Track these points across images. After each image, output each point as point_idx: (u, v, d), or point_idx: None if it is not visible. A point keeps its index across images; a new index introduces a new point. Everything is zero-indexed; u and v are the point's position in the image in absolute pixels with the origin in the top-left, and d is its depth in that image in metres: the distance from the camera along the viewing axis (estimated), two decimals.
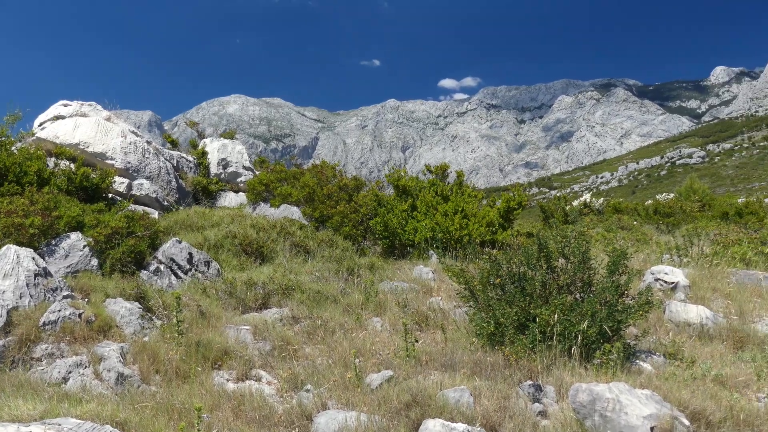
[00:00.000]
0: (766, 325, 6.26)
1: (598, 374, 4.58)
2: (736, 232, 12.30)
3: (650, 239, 13.12)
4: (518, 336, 4.99)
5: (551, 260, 5.35)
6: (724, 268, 8.48)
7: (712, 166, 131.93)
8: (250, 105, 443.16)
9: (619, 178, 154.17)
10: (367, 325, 6.58)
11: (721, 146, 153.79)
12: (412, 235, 10.50)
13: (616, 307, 4.94)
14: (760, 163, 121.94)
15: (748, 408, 4.00)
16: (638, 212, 18.29)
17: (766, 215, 17.53)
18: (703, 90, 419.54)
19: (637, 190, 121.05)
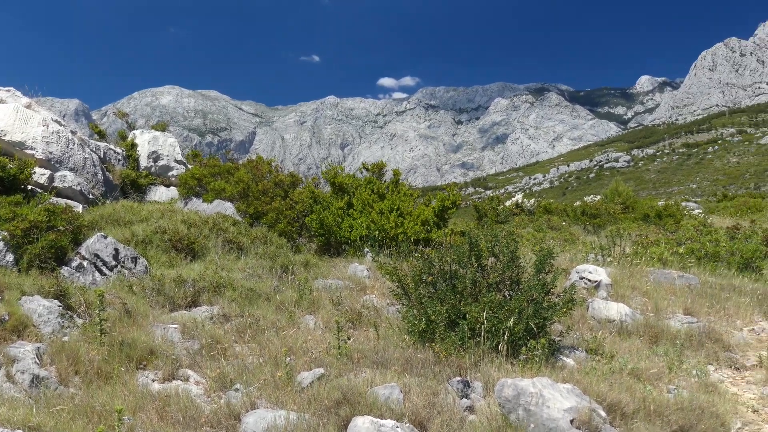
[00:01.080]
0: (678, 321, 6.65)
1: (524, 370, 4.73)
2: (656, 233, 13.00)
3: (577, 239, 13.67)
4: (449, 333, 5.08)
5: (482, 259, 5.48)
6: (643, 267, 8.94)
7: (636, 170, 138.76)
8: (185, 97, 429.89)
9: (551, 180, 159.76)
10: (300, 323, 6.53)
11: (645, 151, 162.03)
12: (347, 232, 10.50)
13: (542, 305, 5.12)
14: (679, 169, 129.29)
15: (659, 399, 4.24)
16: (567, 213, 19.01)
17: (682, 218, 18.61)
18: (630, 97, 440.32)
19: (567, 192, 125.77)
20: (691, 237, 10.38)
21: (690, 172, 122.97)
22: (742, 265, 8.95)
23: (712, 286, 8.14)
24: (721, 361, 5.91)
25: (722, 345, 6.23)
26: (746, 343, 6.46)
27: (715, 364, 5.86)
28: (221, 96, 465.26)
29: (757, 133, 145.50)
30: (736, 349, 6.25)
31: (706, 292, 7.86)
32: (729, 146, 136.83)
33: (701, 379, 5.07)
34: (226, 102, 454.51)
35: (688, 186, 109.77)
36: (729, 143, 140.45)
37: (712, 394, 4.65)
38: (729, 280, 8.51)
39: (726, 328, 6.81)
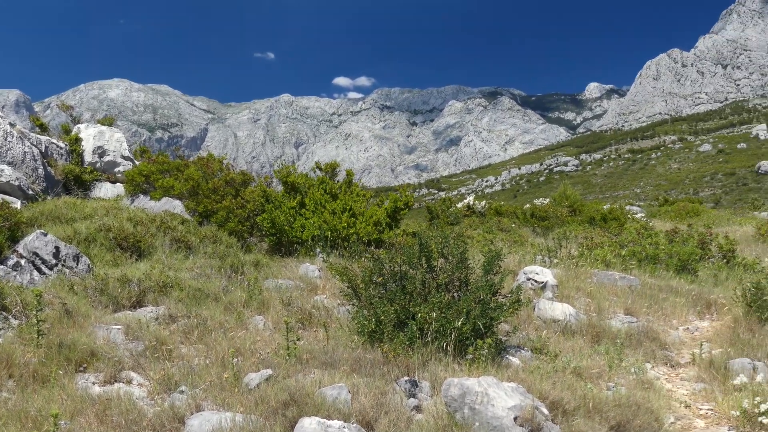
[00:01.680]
0: (619, 321, 6.89)
1: (470, 369, 4.81)
2: (601, 236, 13.43)
3: (526, 241, 13.98)
4: (398, 333, 5.12)
5: (431, 260, 5.55)
6: (587, 268, 9.23)
7: (584, 174, 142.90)
8: (134, 91, 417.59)
9: (503, 183, 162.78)
10: (249, 323, 6.45)
11: (593, 156, 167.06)
12: (299, 232, 10.43)
13: (489, 305, 5.22)
14: (625, 173, 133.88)
15: (598, 396, 4.39)
16: (517, 215, 19.42)
17: (626, 221, 19.28)
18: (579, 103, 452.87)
19: (518, 194, 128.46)
20: (633, 240, 10.77)
21: (635, 177, 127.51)
22: (680, 267, 9.35)
23: (652, 287, 8.47)
24: (658, 359, 6.16)
25: (659, 343, 6.50)
26: (681, 341, 6.76)
27: (653, 361, 6.10)
28: (172, 91, 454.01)
29: (696, 141, 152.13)
30: (672, 348, 6.53)
31: (645, 293, 8.17)
32: (671, 153, 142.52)
33: (639, 376, 5.28)
34: (177, 97, 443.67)
35: (633, 190, 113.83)
36: (671, 150, 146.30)
37: (648, 391, 4.85)
38: (667, 281, 8.87)
39: (663, 328, 7.10)
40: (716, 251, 10.36)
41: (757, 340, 5.95)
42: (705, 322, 7.67)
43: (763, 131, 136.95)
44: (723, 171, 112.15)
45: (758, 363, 5.39)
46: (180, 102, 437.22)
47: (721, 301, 7.90)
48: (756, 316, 6.49)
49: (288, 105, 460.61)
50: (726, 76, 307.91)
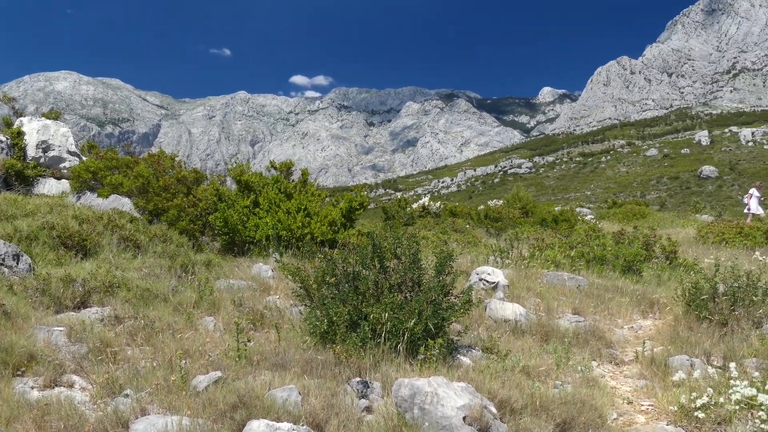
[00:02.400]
0: (567, 320, 7.07)
1: (422, 369, 4.85)
2: (551, 237, 13.75)
3: (479, 242, 14.19)
4: (350, 334, 5.11)
5: (384, 260, 5.56)
6: (538, 269, 9.43)
7: (537, 177, 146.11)
8: (83, 84, 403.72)
9: (458, 184, 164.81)
10: (198, 324, 6.32)
11: (546, 159, 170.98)
12: (253, 231, 10.29)
13: (441, 306, 5.27)
14: (576, 176, 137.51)
15: (545, 394, 4.49)
16: (471, 216, 19.68)
17: (576, 223, 19.79)
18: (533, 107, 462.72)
19: (473, 196, 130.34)
20: (581, 241, 11.07)
21: (585, 180, 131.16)
22: (625, 268, 9.66)
23: (599, 287, 8.72)
24: (604, 357, 6.34)
25: (605, 342, 6.69)
26: (626, 339, 6.97)
27: (598, 360, 6.28)
28: (124, 85, 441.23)
29: (644, 145, 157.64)
30: (617, 346, 6.74)
31: (593, 292, 8.40)
32: (620, 157, 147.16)
33: (584, 374, 5.42)
34: (129, 92, 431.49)
35: (584, 192, 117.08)
36: (620, 154, 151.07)
37: (592, 388, 4.98)
38: (613, 281, 9.15)
39: (609, 327, 7.32)
40: (660, 252, 10.76)
41: (695, 338, 6.20)
42: (648, 320, 7.93)
43: (705, 138, 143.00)
44: (668, 175, 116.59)
45: (695, 360, 5.61)
46: (132, 97, 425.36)
47: (663, 300, 8.20)
48: (695, 315, 6.76)
49: (244, 102, 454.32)
50: (671, 83, 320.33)
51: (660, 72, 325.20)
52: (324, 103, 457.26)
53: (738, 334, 6.23)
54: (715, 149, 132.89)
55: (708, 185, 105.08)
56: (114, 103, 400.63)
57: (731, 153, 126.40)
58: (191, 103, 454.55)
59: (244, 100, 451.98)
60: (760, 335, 5.99)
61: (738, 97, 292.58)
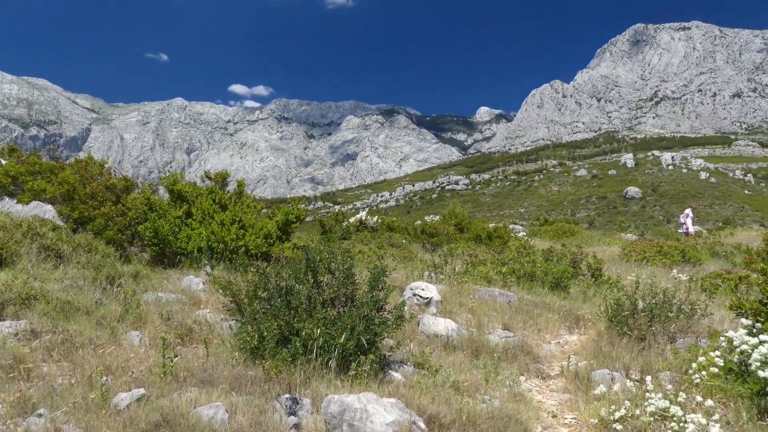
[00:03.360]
0: (497, 335, 7.23)
1: (353, 385, 4.83)
2: (485, 253, 14.07)
3: (415, 257, 14.33)
4: (281, 350, 5.04)
5: (318, 275, 5.53)
6: (471, 285, 9.62)
7: (474, 193, 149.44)
8: (6, 82, 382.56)
9: (397, 198, 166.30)
10: (123, 339, 6.06)
11: (482, 176, 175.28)
12: (184, 243, 10.00)
13: (373, 321, 5.28)
14: (511, 194, 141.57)
15: (474, 409, 4.57)
16: (408, 231, 19.87)
17: (509, 239, 20.34)
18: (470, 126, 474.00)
19: (412, 210, 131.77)
20: (513, 258, 11.39)
21: (519, 198, 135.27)
22: (554, 284, 9.99)
23: (528, 303, 8.98)
24: (531, 372, 6.52)
25: (533, 357, 6.88)
26: (552, 354, 7.20)
27: (526, 374, 6.45)
28: (52, 86, 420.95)
29: (574, 166, 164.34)
30: (544, 361, 6.94)
31: (522, 308, 8.64)
32: (552, 176, 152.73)
33: (512, 389, 5.55)
34: (57, 93, 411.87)
35: (518, 210, 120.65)
36: (552, 173, 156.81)
37: (519, 403, 5.11)
38: (542, 297, 9.45)
39: (537, 342, 7.54)
40: (586, 270, 11.21)
41: (616, 353, 6.48)
42: (574, 336, 8.22)
43: (630, 160, 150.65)
44: (596, 195, 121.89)
45: (616, 374, 5.86)
46: (60, 98, 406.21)
47: (588, 316, 8.52)
48: (616, 330, 7.06)
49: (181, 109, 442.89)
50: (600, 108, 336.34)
51: (590, 96, 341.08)
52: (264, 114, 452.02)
53: (655, 349, 6.55)
54: (639, 171, 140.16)
55: (633, 205, 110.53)
56: (40, 104, 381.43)
57: (654, 175, 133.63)
58: (125, 108, 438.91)
59: (181, 107, 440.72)
60: (674, 350, 6.32)
61: (660, 123, 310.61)
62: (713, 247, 17.97)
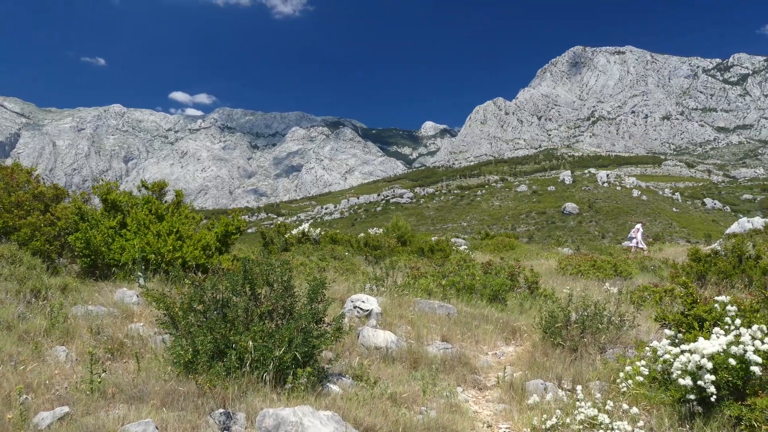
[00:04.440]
0: (436, 347, 7.31)
1: (289, 399, 4.77)
2: (427, 266, 14.23)
3: (358, 269, 14.33)
4: (216, 363, 4.93)
5: (256, 287, 5.46)
6: (411, 297, 9.70)
7: (418, 207, 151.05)
8: None
9: (342, 211, 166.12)
10: (47, 355, 5.78)
11: (426, 190, 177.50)
12: (118, 254, 9.66)
13: (311, 334, 5.24)
14: (454, 207, 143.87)
15: (410, 421, 4.60)
16: (351, 244, 19.86)
17: (451, 252, 20.64)
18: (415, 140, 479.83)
19: (356, 223, 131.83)
20: (453, 271, 11.57)
21: (462, 212, 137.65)
22: (492, 297, 10.21)
23: (467, 315, 9.13)
24: (468, 383, 6.62)
25: (470, 368, 6.99)
26: (489, 365, 7.33)
27: (463, 385, 6.54)
28: None
29: (515, 181, 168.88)
30: (481, 372, 7.06)
31: (461, 320, 8.77)
32: (494, 191, 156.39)
33: (449, 400, 5.62)
34: None
35: (461, 224, 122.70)
36: (494, 188, 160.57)
37: (455, 414, 5.18)
38: (481, 309, 9.62)
39: (474, 353, 7.66)
40: (523, 282, 11.50)
41: (549, 363, 6.66)
42: (511, 347, 8.41)
43: (568, 177, 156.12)
44: (536, 210, 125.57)
45: (549, 383, 6.03)
46: None
47: (524, 327, 8.74)
48: (550, 341, 7.27)
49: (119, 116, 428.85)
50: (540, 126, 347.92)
51: (531, 114, 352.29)
52: (207, 123, 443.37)
53: (586, 359, 6.78)
54: (576, 188, 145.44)
55: (570, 221, 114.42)
56: None
57: (590, 192, 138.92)
58: (58, 113, 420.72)
59: (119, 114, 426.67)
60: (604, 360, 6.57)
61: (596, 142, 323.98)
62: (643, 261, 18.80)
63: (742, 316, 5.25)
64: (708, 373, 4.71)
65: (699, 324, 5.66)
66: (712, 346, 4.81)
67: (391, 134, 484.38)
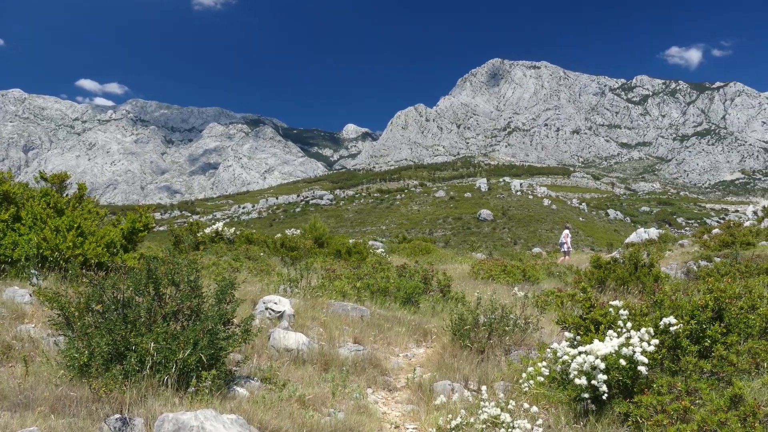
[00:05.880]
0: (348, 349, 7.31)
1: (192, 402, 4.61)
2: (343, 267, 14.22)
3: (273, 270, 14.09)
4: (114, 367, 4.68)
5: (160, 286, 5.24)
6: (325, 299, 9.65)
7: (338, 209, 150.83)
8: None
9: (260, 211, 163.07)
10: None
11: (346, 192, 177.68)
12: (10, 250, 8.97)
13: (218, 335, 5.09)
14: (374, 211, 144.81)
15: (317, 423, 4.57)
16: (267, 244, 19.53)
17: (368, 255, 20.76)
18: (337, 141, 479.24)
19: (274, 223, 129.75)
20: (368, 273, 11.63)
21: (382, 215, 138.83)
22: (405, 300, 10.35)
23: (380, 317, 9.20)
24: (379, 384, 6.66)
25: (381, 370, 7.04)
26: (400, 367, 7.42)
27: (374, 387, 6.58)
28: None
29: (434, 187, 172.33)
30: (392, 373, 7.14)
31: (374, 322, 8.83)
32: (413, 196, 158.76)
33: (358, 401, 5.63)
34: None
35: (380, 227, 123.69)
36: (413, 193, 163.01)
37: (363, 415, 5.20)
38: (394, 312, 9.73)
39: (386, 355, 7.73)
40: (436, 286, 11.74)
41: (457, 364, 6.83)
42: (422, 349, 8.55)
43: (484, 184, 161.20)
44: (453, 215, 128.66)
45: (456, 384, 6.18)
46: None
47: (435, 330, 8.91)
48: (459, 343, 7.46)
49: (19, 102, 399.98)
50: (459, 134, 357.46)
51: (450, 122, 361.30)
52: (118, 114, 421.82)
53: (492, 360, 7.01)
54: (491, 195, 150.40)
55: (485, 227, 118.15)
56: None
57: (504, 200, 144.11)
58: None
59: (19, 100, 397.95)
60: (508, 361, 6.81)
61: (511, 151, 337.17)
62: (549, 267, 19.71)
63: (633, 319, 5.61)
64: (601, 373, 4.99)
65: (595, 327, 5.99)
66: (605, 347, 5.11)
67: (313, 135, 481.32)
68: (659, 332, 5.33)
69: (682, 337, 5.27)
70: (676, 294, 6.31)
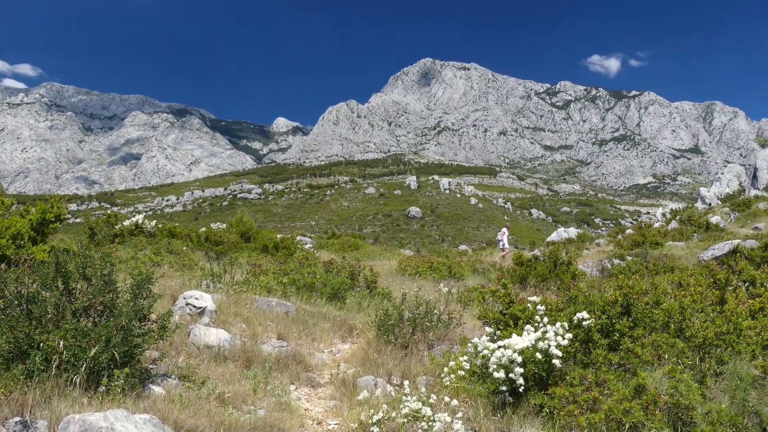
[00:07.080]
0: (271, 345, 7.20)
1: (103, 403, 4.40)
2: (270, 263, 13.99)
3: (196, 265, 13.67)
4: (15, 366, 4.39)
5: (70, 281, 4.95)
6: (250, 294, 9.46)
7: (266, 203, 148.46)
8: None
9: (185, 203, 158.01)
10: None
11: (275, 187, 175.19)
12: None
13: (132, 332, 4.88)
14: (303, 206, 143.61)
15: (237, 421, 4.46)
16: (191, 238, 18.92)
17: (296, 250, 20.53)
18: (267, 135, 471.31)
19: (200, 217, 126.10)
20: (295, 268, 11.50)
21: (311, 210, 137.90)
22: (331, 295, 10.30)
23: (306, 313, 9.11)
24: (302, 381, 6.60)
25: (305, 366, 6.98)
26: (324, 363, 7.38)
27: (297, 383, 6.51)
28: None
29: (364, 183, 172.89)
30: (316, 369, 7.09)
31: (299, 318, 8.74)
32: (343, 192, 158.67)
33: (280, 398, 5.55)
34: None
35: (309, 222, 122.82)
36: (343, 189, 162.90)
37: (284, 412, 5.13)
38: (319, 308, 9.66)
39: (310, 351, 7.66)
40: (363, 282, 11.76)
41: (381, 359, 6.87)
42: (347, 344, 8.54)
43: (414, 182, 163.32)
44: (383, 212, 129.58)
45: (379, 379, 6.22)
46: None
47: (360, 325, 8.93)
48: (384, 339, 7.51)
49: None
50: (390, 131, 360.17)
51: (382, 120, 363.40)
52: (30, 98, 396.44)
53: (415, 355, 7.10)
54: (421, 193, 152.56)
55: (414, 224, 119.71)
56: None
57: (433, 198, 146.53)
58: None
59: None
60: (431, 356, 6.92)
61: (440, 150, 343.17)
62: (474, 264, 20.21)
63: (550, 314, 5.84)
64: (518, 366, 5.16)
65: (514, 322, 6.19)
66: (522, 341, 5.29)
67: (242, 127, 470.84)
68: (573, 327, 5.57)
69: (594, 331, 5.53)
70: (589, 290, 6.62)
